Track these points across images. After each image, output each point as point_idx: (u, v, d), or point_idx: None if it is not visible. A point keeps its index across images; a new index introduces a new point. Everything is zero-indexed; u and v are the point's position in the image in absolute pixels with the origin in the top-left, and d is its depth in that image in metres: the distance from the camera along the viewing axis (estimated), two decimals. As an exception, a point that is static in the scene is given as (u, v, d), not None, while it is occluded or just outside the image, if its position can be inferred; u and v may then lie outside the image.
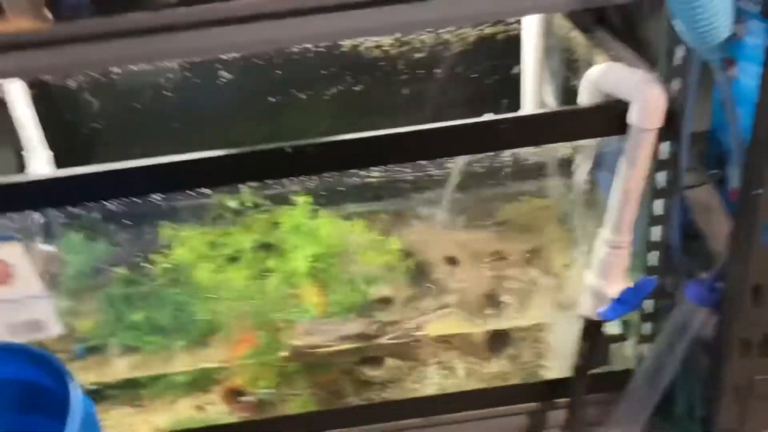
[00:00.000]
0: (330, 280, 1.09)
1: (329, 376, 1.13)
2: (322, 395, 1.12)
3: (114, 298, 1.08)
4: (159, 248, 1.07)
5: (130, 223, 1.07)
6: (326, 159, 0.81)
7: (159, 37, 0.76)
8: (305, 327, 1.04)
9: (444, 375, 1.13)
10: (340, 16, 0.77)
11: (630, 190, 0.83)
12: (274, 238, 1.08)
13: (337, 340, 1.03)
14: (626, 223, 0.86)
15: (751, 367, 0.84)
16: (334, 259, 1.08)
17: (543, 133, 0.82)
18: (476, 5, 0.77)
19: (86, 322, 1.10)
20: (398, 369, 1.13)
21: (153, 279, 1.06)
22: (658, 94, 0.77)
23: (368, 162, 0.83)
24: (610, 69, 0.83)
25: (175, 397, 1.13)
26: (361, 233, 1.07)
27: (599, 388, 1.06)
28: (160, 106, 1.25)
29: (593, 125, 0.82)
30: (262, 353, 1.07)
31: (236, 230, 1.09)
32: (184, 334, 1.09)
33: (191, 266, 1.05)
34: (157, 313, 1.07)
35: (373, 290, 1.10)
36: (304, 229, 1.07)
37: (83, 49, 0.75)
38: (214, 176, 0.82)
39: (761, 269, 0.76)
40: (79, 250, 1.11)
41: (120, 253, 1.10)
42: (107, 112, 1.26)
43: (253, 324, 1.08)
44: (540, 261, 1.11)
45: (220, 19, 0.75)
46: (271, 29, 0.76)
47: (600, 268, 0.90)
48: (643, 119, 0.77)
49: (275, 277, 1.04)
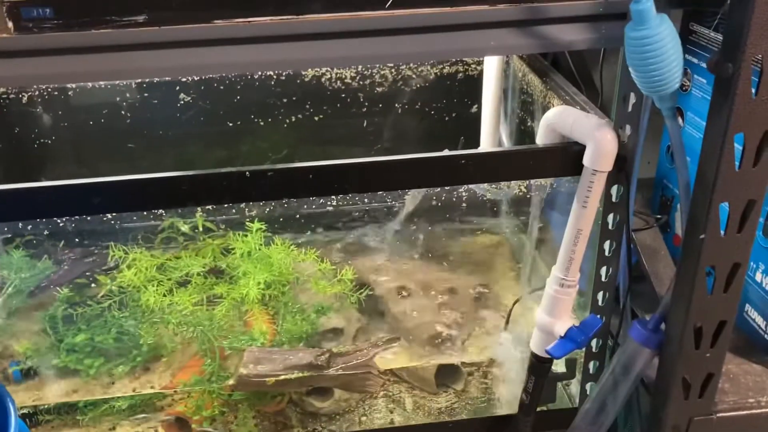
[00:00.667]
0: (280, 309, 1.08)
1: (276, 407, 1.11)
2: (267, 426, 1.10)
3: (54, 319, 1.05)
4: (105, 269, 1.04)
5: (76, 241, 1.05)
6: (285, 185, 0.81)
7: (120, 56, 0.75)
8: (253, 355, 1.02)
9: (392, 408, 1.12)
10: (301, 46, 0.77)
11: (580, 229, 0.85)
12: (226, 263, 1.06)
13: (286, 370, 1.01)
14: (575, 262, 0.88)
15: (691, 408, 0.86)
16: (286, 287, 1.07)
17: (501, 170, 0.84)
18: (436, 43, 0.79)
19: (23, 343, 1.06)
20: (346, 401, 1.12)
21: (97, 300, 1.03)
22: (611, 138, 0.79)
23: (327, 190, 0.83)
24: (567, 112, 0.85)
25: (114, 423, 1.09)
26: (314, 262, 1.07)
27: (544, 425, 1.07)
28: (114, 125, 1.24)
29: (549, 165, 0.84)
30: (208, 381, 1.04)
31: (187, 254, 1.08)
32: (127, 359, 1.06)
33: (138, 289, 1.03)
34: (99, 335, 1.04)
35: (324, 320, 1.09)
36: (257, 256, 1.06)
37: (42, 62, 0.74)
38: (170, 197, 0.80)
39: (703, 312, 0.78)
40: (19, 268, 1.08)
41: (64, 272, 1.08)
42: (59, 127, 1.23)
43: (200, 350, 1.06)
44: (490, 296, 1.12)
45: (182, 40, 0.75)
46: (233, 54, 0.77)
47: (548, 305, 0.91)
48: (596, 162, 0.80)
49: (224, 303, 1.03)
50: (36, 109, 1.22)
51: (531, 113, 1.13)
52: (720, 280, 0.76)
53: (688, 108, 1.00)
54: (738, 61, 0.64)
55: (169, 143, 1.26)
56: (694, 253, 0.75)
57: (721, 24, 0.90)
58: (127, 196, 0.80)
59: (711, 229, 0.73)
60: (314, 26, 0.76)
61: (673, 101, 0.72)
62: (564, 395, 1.12)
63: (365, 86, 1.26)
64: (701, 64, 0.96)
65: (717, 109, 0.68)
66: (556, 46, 0.80)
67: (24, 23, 0.72)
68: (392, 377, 1.16)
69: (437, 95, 1.29)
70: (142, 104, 1.22)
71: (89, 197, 0.78)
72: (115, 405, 1.07)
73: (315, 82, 1.24)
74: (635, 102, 0.82)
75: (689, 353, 0.81)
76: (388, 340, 1.07)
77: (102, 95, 1.22)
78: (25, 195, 0.78)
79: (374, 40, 0.78)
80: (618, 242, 0.92)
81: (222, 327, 1.04)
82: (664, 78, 0.69)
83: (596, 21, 0.79)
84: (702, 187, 0.72)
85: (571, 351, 0.91)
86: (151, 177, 0.79)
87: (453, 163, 0.81)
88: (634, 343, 0.87)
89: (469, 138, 1.27)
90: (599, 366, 1.02)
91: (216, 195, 0.81)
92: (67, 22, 0.73)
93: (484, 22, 0.78)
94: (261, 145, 1.29)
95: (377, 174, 0.82)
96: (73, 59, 0.74)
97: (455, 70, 1.27)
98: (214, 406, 1.07)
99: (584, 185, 0.82)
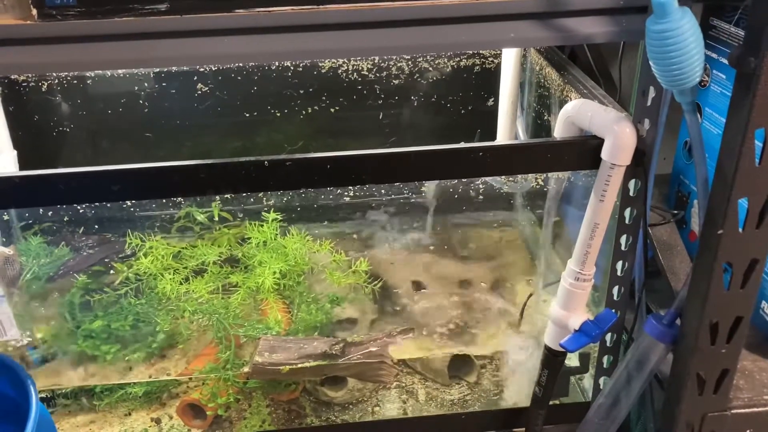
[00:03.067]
0: (295, 298, 1.09)
1: (290, 395, 1.12)
2: (281, 414, 1.11)
3: (72, 305, 1.06)
4: (123, 256, 1.05)
5: (94, 229, 1.06)
6: (303, 175, 0.81)
7: (142, 44, 0.76)
8: (268, 344, 1.03)
9: (404, 399, 1.13)
10: (321, 36, 0.78)
11: (597, 223, 0.85)
12: (241, 252, 1.07)
13: (300, 359, 1.02)
14: (591, 256, 0.87)
15: (705, 404, 0.86)
16: (301, 277, 1.08)
17: (520, 163, 0.84)
18: (455, 35, 0.79)
19: (41, 329, 1.07)
20: (359, 391, 1.12)
21: (114, 287, 1.04)
22: (630, 132, 0.79)
23: (344, 181, 0.83)
24: (586, 105, 0.85)
25: (130, 409, 1.11)
26: (329, 253, 1.07)
27: (557, 419, 1.07)
28: (132, 114, 1.25)
29: (568, 158, 0.84)
30: (223, 368, 1.05)
31: (203, 243, 1.08)
32: (143, 345, 1.07)
33: (155, 276, 1.04)
34: (116, 322, 1.05)
35: (338, 311, 1.10)
36: (272, 245, 1.06)
37: (65, 49, 0.75)
38: (189, 185, 0.81)
39: (719, 308, 0.78)
40: (38, 254, 1.09)
41: (81, 259, 1.09)
42: (77, 116, 1.24)
43: (215, 338, 1.07)
44: (505, 289, 1.12)
45: (203, 29, 0.76)
46: (254, 43, 0.77)
47: (563, 299, 0.91)
48: (615, 156, 0.80)
49: (240, 292, 1.03)
50: (55, 98, 1.23)
51: (548, 107, 1.13)
52: (737, 275, 0.76)
53: (706, 104, 1.00)
54: (761, 56, 0.63)
55: (186, 133, 1.27)
56: (712, 248, 0.75)
57: (741, 18, 0.90)
58: (147, 184, 0.81)
59: (729, 225, 0.73)
60: (334, 16, 0.76)
61: (693, 95, 0.72)
62: (577, 389, 1.12)
63: (382, 78, 1.26)
64: (721, 59, 0.95)
65: (738, 104, 0.68)
66: (576, 39, 0.79)
67: (47, 10, 0.73)
68: (405, 368, 1.17)
69: (454, 88, 1.29)
70: (160, 94, 1.23)
71: (110, 184, 0.79)
72: (131, 391, 1.08)
73: (331, 73, 1.24)
74: (654, 96, 0.82)
75: (704, 349, 0.81)
76: (402, 330, 1.07)
77: (120, 84, 1.23)
78: (47, 181, 0.79)
79: (394, 30, 0.78)
80: (634, 237, 0.92)
81: (237, 315, 1.05)
82: (685, 72, 0.68)
83: (617, 14, 0.79)
84: (721, 182, 0.72)
85: (585, 345, 0.91)
86: (171, 165, 0.79)
87: (472, 155, 0.81)
88: (648, 338, 0.87)
89: (485, 131, 1.27)
90: (613, 360, 1.02)
91: (234, 184, 0.81)
92: (89, 10, 0.73)
93: (504, 14, 0.78)
94: (276, 137, 1.29)
95: (395, 165, 0.82)
96: (96, 47, 0.75)
97: (472, 63, 1.26)
98: (229, 393, 1.08)
99: (602, 179, 0.82)
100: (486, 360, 1.17)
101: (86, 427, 1.09)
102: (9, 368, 0.82)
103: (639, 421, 1.04)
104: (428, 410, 1.11)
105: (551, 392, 1.00)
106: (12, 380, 0.82)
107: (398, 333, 1.06)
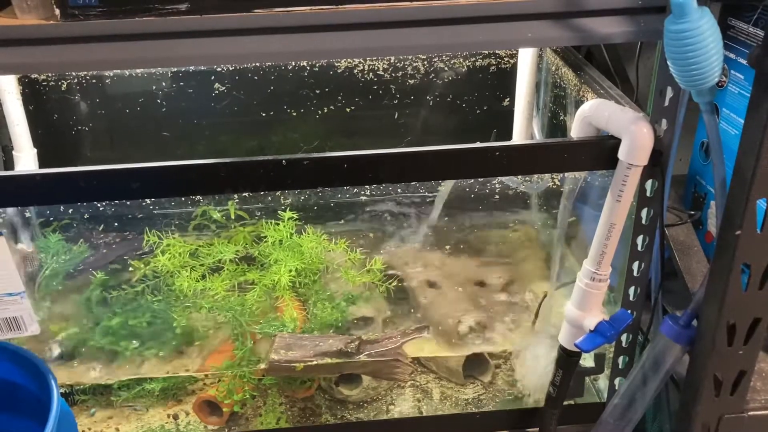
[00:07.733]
0: (311, 296, 1.09)
1: (305, 393, 1.12)
2: (296, 411, 1.11)
3: (90, 302, 1.07)
4: (140, 254, 1.06)
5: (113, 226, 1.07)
6: (320, 174, 0.82)
7: (162, 44, 0.77)
8: (284, 341, 1.04)
9: (419, 398, 1.13)
10: (339, 36, 0.78)
11: (613, 223, 0.85)
12: (257, 251, 1.08)
13: (316, 356, 1.03)
14: (607, 256, 0.87)
15: (721, 406, 0.86)
16: (316, 275, 1.08)
17: (536, 162, 0.84)
18: (473, 34, 0.79)
19: (60, 325, 1.08)
20: (374, 390, 1.13)
21: (132, 285, 1.05)
22: (647, 132, 0.79)
23: (361, 180, 0.84)
24: (603, 105, 0.85)
25: (147, 405, 1.12)
26: (344, 251, 1.08)
27: (571, 419, 1.07)
28: (150, 113, 1.26)
29: (584, 158, 0.84)
30: (239, 365, 1.06)
31: (219, 241, 1.09)
32: (161, 342, 1.08)
33: (172, 274, 1.05)
34: (133, 319, 1.06)
35: (353, 309, 1.10)
36: (288, 244, 1.07)
37: (87, 49, 0.76)
38: (208, 184, 0.82)
39: (737, 309, 0.78)
40: (56, 251, 1.10)
41: (99, 256, 1.10)
42: (96, 115, 1.26)
43: (231, 335, 1.07)
44: (519, 289, 1.12)
45: (223, 29, 0.76)
46: (272, 43, 0.78)
47: (578, 299, 0.91)
48: (632, 156, 0.80)
49: (256, 289, 1.04)
50: (74, 97, 1.24)
51: (564, 107, 1.13)
52: (755, 277, 0.76)
53: (724, 104, 0.99)
54: (780, 56, 0.63)
55: (203, 132, 1.28)
56: (730, 249, 0.75)
57: (760, 19, 0.89)
58: (167, 182, 0.82)
59: (747, 226, 0.72)
60: (353, 16, 0.77)
61: (711, 95, 0.72)
62: (592, 390, 1.12)
63: (397, 78, 1.26)
64: (739, 60, 0.95)
65: (757, 104, 0.68)
66: (593, 39, 0.79)
67: (70, 11, 0.74)
68: (420, 368, 1.17)
69: (469, 88, 1.29)
70: (177, 93, 1.24)
71: (129, 182, 0.80)
72: (147, 387, 1.09)
73: (347, 73, 1.25)
74: (672, 96, 0.82)
75: (721, 350, 0.81)
76: (417, 329, 1.07)
77: (138, 84, 1.24)
78: (68, 179, 0.80)
79: (412, 30, 0.78)
80: (651, 237, 0.91)
81: (253, 313, 1.05)
82: (703, 72, 0.68)
83: (635, 14, 0.79)
84: (739, 183, 0.72)
85: (600, 345, 0.91)
86: (191, 163, 0.80)
87: (488, 155, 0.81)
88: (664, 339, 0.87)
89: (500, 131, 1.27)
90: (628, 361, 1.02)
91: (253, 182, 0.82)
92: (111, 10, 0.74)
93: (521, 14, 0.78)
94: (292, 136, 1.30)
95: (412, 164, 0.82)
96: (117, 46, 0.76)
97: (487, 62, 1.26)
98: (245, 390, 1.08)
99: (619, 179, 0.82)
100: (500, 359, 1.17)
101: (103, 424, 1.10)
102: (31, 363, 0.84)
103: (654, 423, 1.04)
104: (442, 409, 1.11)
105: (566, 392, 1.00)
106: (33, 375, 0.83)
107: (413, 331, 1.06)
